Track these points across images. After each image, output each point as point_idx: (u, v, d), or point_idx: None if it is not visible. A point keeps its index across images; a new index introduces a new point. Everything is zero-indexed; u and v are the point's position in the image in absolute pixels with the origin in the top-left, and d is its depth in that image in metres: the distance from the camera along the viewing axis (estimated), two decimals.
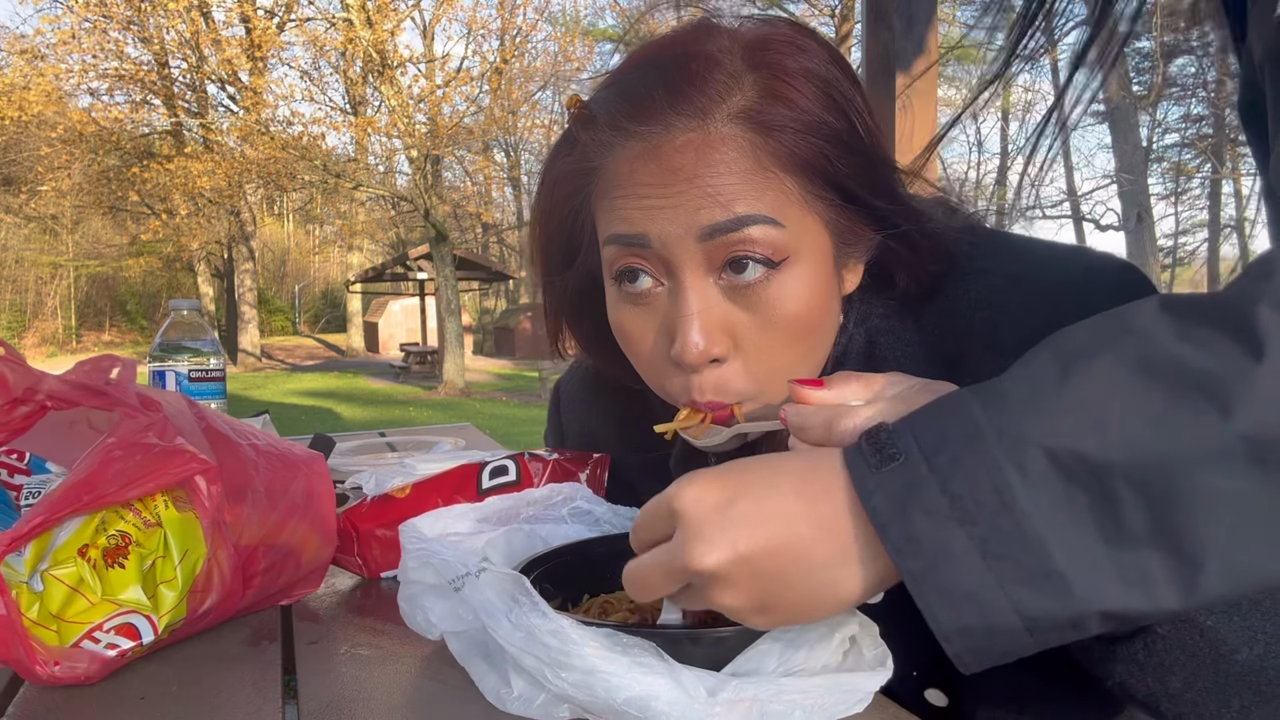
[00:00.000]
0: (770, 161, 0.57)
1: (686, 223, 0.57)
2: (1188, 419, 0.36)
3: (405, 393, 14.66)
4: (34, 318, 25.47)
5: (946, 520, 0.39)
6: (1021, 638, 0.39)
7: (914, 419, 0.42)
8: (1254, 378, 0.35)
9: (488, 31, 16.57)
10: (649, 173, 0.58)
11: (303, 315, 32.06)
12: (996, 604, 0.39)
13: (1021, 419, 0.38)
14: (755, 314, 0.59)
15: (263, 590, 0.72)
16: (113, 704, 0.58)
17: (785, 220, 0.58)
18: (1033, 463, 0.38)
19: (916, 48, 2.37)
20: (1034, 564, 0.38)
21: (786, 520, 0.43)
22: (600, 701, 0.48)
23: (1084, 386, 0.38)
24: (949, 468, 0.39)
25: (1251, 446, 0.35)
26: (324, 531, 0.76)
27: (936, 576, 0.39)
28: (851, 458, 0.43)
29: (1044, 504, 0.38)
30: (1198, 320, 0.37)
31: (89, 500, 0.58)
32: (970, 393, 0.42)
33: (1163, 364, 0.37)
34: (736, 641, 0.51)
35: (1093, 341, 0.39)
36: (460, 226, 19.67)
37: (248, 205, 19.89)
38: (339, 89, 17.43)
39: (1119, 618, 0.39)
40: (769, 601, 0.44)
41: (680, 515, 0.44)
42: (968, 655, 0.41)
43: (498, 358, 24.53)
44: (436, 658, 0.63)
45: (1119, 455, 0.37)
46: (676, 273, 0.59)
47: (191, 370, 1.13)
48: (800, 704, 0.48)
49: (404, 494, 0.84)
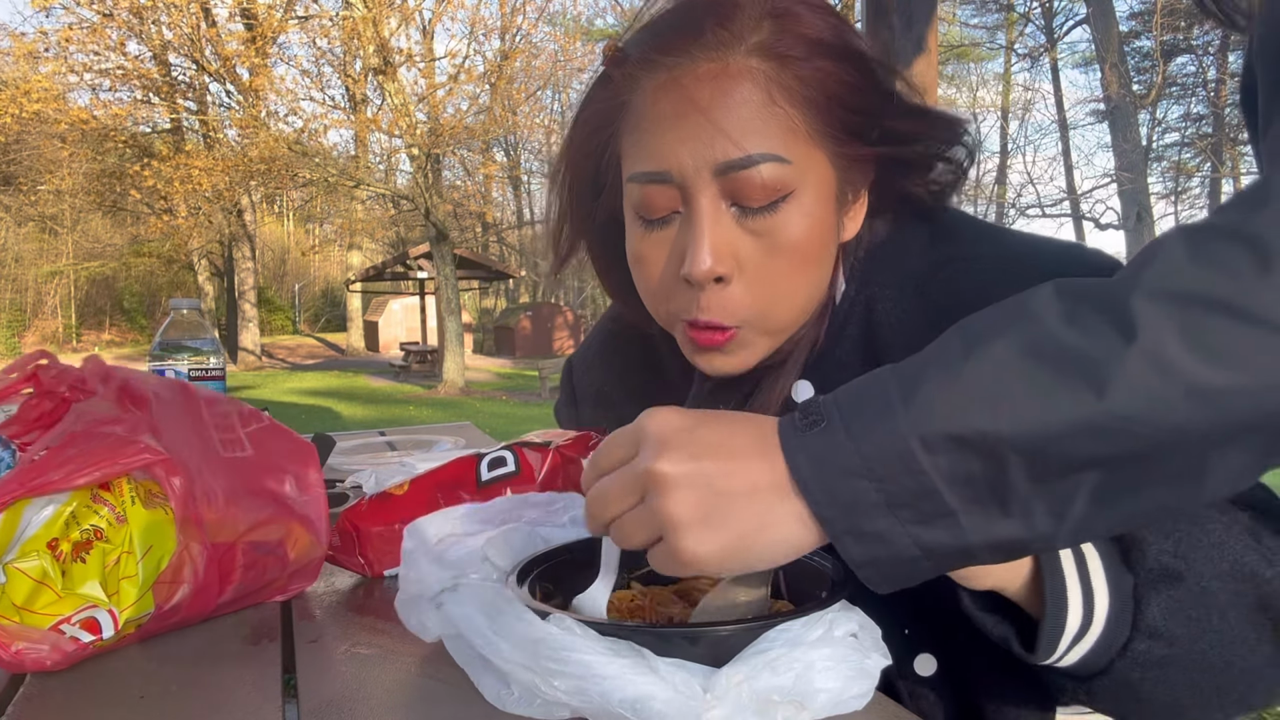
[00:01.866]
0: (781, 96, 0.63)
1: (703, 157, 0.63)
2: (1067, 397, 0.41)
3: (405, 392, 14.66)
4: (34, 317, 25.48)
5: (858, 477, 0.45)
6: (921, 564, 0.46)
7: (839, 393, 0.48)
8: (1124, 360, 0.40)
9: (489, 31, 16.58)
10: (670, 103, 0.64)
11: (303, 314, 32.06)
12: (899, 540, 0.46)
13: (927, 397, 0.44)
14: (760, 240, 0.65)
15: (245, 586, 0.71)
16: (113, 703, 0.58)
17: (792, 156, 0.63)
18: (933, 434, 0.44)
19: (916, 47, 2.38)
20: (930, 509, 0.45)
21: (741, 450, 0.48)
22: (596, 706, 0.48)
23: (981, 367, 0.44)
24: (863, 434, 0.45)
25: (1118, 421, 0.41)
26: (314, 528, 0.76)
27: (848, 521, 0.46)
28: (783, 423, 0.49)
29: (941, 465, 0.44)
30: (1084, 306, 0.43)
31: (34, 485, 0.58)
32: (889, 371, 0.47)
33: (1049, 346, 0.42)
34: (736, 641, 0.51)
35: (994, 325, 0.45)
36: (460, 226, 19.66)
37: (251, 204, 19.90)
38: (339, 88, 17.43)
39: (1005, 547, 0.45)
40: (714, 516, 0.47)
41: (645, 430, 0.49)
42: (877, 579, 0.48)
43: (498, 357, 24.54)
44: (437, 657, 0.63)
45: (1007, 428, 0.42)
46: (692, 201, 0.65)
47: (191, 369, 1.13)
48: (795, 673, 0.48)
49: (402, 491, 0.84)
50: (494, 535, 0.66)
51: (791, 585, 0.63)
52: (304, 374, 18.52)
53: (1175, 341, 0.40)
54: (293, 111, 14.71)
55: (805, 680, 0.49)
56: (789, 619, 0.51)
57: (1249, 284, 0.40)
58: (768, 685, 0.48)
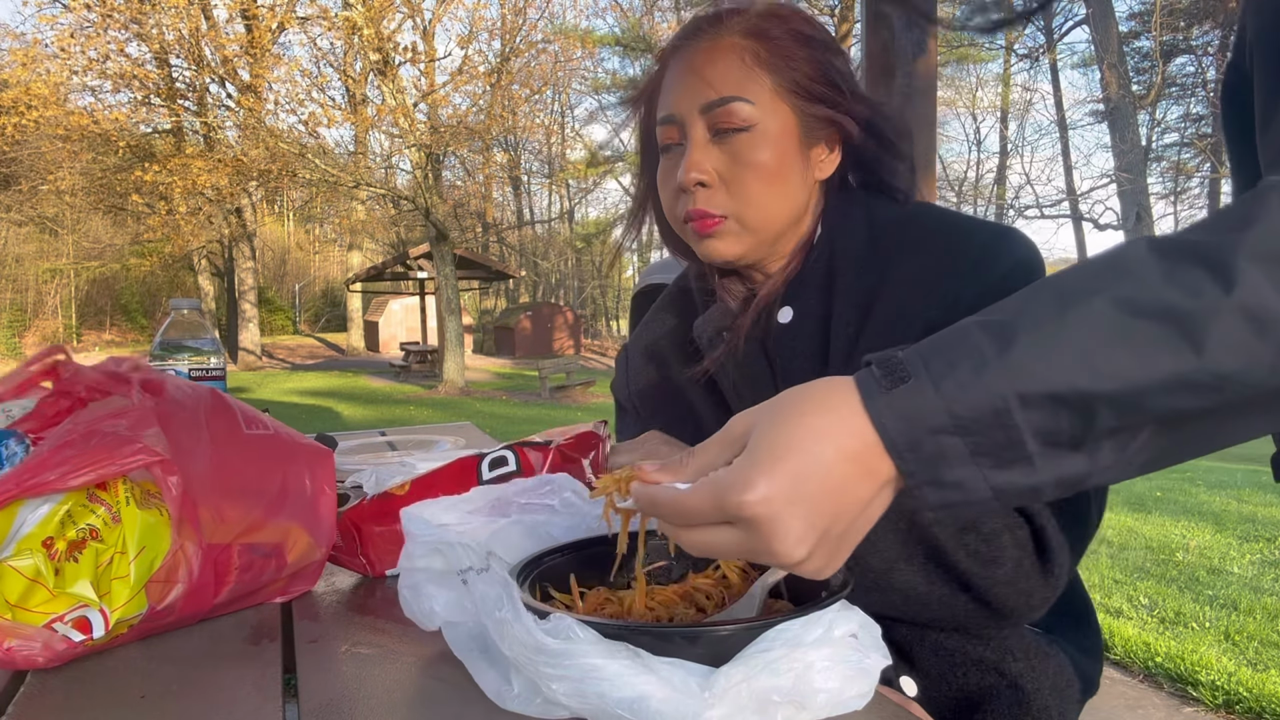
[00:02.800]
0: (754, 61, 0.87)
1: (694, 101, 0.87)
2: (1167, 354, 0.43)
3: (405, 392, 14.65)
4: (34, 317, 25.46)
5: (947, 434, 0.46)
6: (991, 504, 0.48)
7: (921, 349, 0.49)
8: (1222, 316, 0.42)
9: (490, 31, 16.58)
10: (681, 70, 0.89)
11: (303, 314, 32.04)
12: (976, 486, 0.47)
13: (1024, 354, 0.45)
14: (731, 158, 0.87)
15: (241, 587, 0.71)
16: (113, 704, 0.58)
17: (757, 100, 0.86)
18: (1034, 393, 0.45)
19: (916, 48, 2.37)
20: (1011, 456, 0.46)
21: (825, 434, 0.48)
22: (594, 706, 0.48)
23: (1080, 325, 0.45)
24: (955, 393, 0.46)
25: (1213, 378, 0.42)
26: (317, 530, 0.76)
27: (931, 473, 0.48)
28: (863, 381, 0.50)
29: (1034, 420, 0.45)
30: (1184, 264, 0.44)
31: (28, 486, 0.59)
32: (977, 326, 0.48)
33: (1149, 303, 0.44)
34: (735, 640, 0.51)
35: (1089, 282, 0.46)
36: (460, 226, 19.64)
37: (251, 204, 19.87)
38: (339, 88, 17.42)
39: (1068, 482, 0.47)
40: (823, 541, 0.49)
41: (754, 521, 0.48)
42: (947, 520, 0.54)
43: (498, 357, 24.53)
44: (437, 656, 0.63)
45: (1106, 385, 0.44)
46: (687, 133, 0.88)
47: (192, 369, 1.13)
48: (794, 673, 0.48)
49: (403, 491, 0.84)
50: (497, 529, 0.66)
51: (791, 585, 0.63)
52: (304, 374, 18.52)
53: (1276, 300, 0.41)
54: (294, 111, 14.69)
55: (804, 680, 0.49)
56: (788, 619, 0.51)
57: None
58: (767, 685, 0.48)
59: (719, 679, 0.48)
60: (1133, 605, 3.37)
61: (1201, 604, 3.38)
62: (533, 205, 37.11)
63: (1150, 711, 2.47)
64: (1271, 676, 2.59)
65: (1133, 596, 3.48)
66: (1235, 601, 3.41)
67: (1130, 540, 4.48)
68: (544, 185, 35.48)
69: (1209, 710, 2.46)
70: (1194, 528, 4.79)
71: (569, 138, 35.07)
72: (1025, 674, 0.80)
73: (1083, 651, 0.88)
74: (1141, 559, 4.11)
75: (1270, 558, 4.12)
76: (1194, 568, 3.93)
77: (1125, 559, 4.11)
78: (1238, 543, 4.42)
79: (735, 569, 0.66)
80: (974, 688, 0.80)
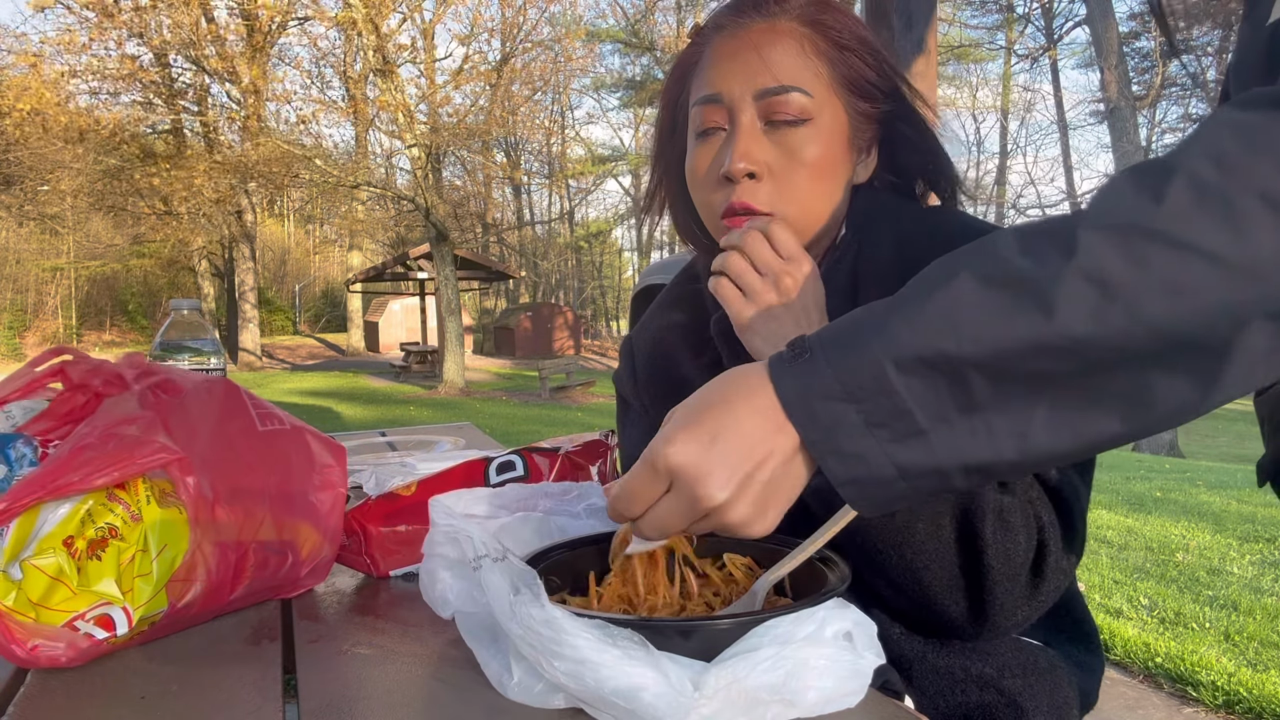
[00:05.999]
0: (812, 50, 0.83)
1: (749, 85, 0.82)
2: (1021, 319, 0.46)
3: (405, 392, 14.65)
4: (35, 317, 25.47)
5: (839, 401, 0.50)
6: (898, 484, 0.51)
7: (821, 330, 0.54)
8: (1067, 279, 0.45)
9: (490, 31, 16.57)
10: (729, 48, 0.84)
11: (303, 314, 32.04)
12: (877, 459, 0.50)
13: (897, 325, 0.49)
14: (783, 151, 0.82)
15: (255, 584, 0.72)
16: (113, 703, 0.58)
17: (815, 93, 0.82)
18: (903, 356, 0.49)
19: (916, 47, 2.37)
20: (904, 428, 0.49)
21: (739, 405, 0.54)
22: (590, 691, 0.48)
23: (945, 297, 0.48)
24: (840, 361, 0.51)
25: (1065, 340, 0.45)
26: (326, 529, 0.77)
27: (832, 442, 0.51)
28: (773, 360, 0.55)
29: (912, 386, 0.49)
30: (1037, 238, 0.47)
31: (53, 488, 0.59)
32: (864, 308, 0.53)
33: (1003, 274, 0.47)
34: (729, 634, 0.51)
35: (957, 262, 0.50)
36: (460, 226, 19.65)
37: (251, 205, 19.86)
38: (339, 89, 17.41)
39: (977, 470, 0.50)
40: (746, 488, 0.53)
41: (680, 470, 0.53)
42: (859, 499, 0.52)
43: (498, 357, 24.53)
44: (437, 656, 0.63)
45: (970, 349, 0.47)
46: (736, 119, 0.83)
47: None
48: (785, 671, 0.49)
49: (409, 491, 0.84)
50: (508, 521, 0.67)
51: (795, 584, 0.64)
52: (304, 374, 18.52)
53: (1115, 264, 0.44)
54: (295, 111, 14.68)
55: (796, 678, 0.49)
56: (780, 614, 0.52)
57: (1182, 213, 0.43)
58: (757, 684, 0.48)
59: (710, 677, 0.48)
60: (1133, 605, 3.38)
61: (1201, 604, 3.39)
62: (533, 206, 37.15)
63: (1150, 712, 2.47)
64: (1271, 677, 2.59)
65: (1133, 597, 3.49)
66: (1235, 602, 3.41)
67: (1130, 540, 4.49)
68: (544, 186, 35.50)
69: (1209, 710, 2.47)
70: (1194, 528, 4.80)
71: (569, 139, 35.11)
72: (1023, 691, 0.78)
73: (1081, 667, 0.86)
74: (1141, 559, 4.11)
75: (1270, 558, 4.12)
76: (1194, 568, 3.93)
77: (1125, 559, 4.11)
78: (1238, 543, 4.43)
79: (740, 566, 0.66)
80: (972, 705, 0.78)
